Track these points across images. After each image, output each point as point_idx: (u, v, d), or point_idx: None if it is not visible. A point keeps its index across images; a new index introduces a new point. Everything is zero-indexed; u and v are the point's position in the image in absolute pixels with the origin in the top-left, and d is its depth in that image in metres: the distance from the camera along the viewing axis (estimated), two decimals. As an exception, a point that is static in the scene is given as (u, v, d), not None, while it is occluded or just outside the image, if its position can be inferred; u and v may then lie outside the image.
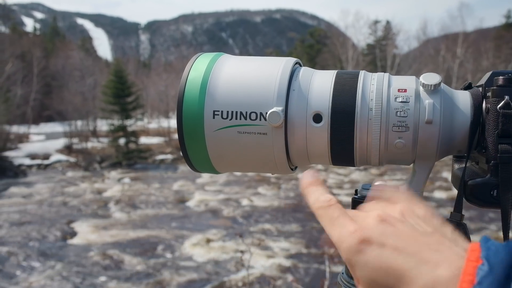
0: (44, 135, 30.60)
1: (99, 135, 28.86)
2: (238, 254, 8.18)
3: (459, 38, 31.29)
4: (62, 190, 15.46)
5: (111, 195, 14.49)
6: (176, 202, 13.29)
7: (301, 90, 0.54)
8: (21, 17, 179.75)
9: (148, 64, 75.72)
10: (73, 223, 11.06)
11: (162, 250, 9.02)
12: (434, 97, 0.52)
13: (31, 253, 8.86)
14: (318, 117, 0.53)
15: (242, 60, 0.58)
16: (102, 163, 21.59)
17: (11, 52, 28.97)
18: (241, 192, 14.31)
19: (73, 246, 9.39)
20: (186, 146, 0.56)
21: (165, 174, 19.03)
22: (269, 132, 0.53)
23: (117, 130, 23.84)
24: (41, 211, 12.33)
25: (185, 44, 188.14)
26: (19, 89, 29.34)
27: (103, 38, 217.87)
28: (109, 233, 10.13)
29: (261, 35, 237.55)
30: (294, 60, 0.58)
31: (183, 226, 10.62)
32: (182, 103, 0.54)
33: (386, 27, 38.73)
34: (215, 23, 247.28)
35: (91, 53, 53.85)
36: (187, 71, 0.56)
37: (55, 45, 44.39)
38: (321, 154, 0.55)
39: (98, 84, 30.92)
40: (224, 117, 0.53)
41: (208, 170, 0.60)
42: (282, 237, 9.46)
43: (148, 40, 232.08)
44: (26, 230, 10.40)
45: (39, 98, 32.93)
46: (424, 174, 0.54)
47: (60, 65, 33.67)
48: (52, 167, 21.16)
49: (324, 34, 41.21)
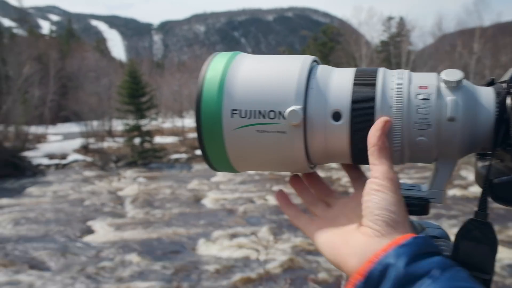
0: (61, 135, 31.03)
1: (115, 135, 29.16)
2: (253, 252, 8.22)
3: (476, 33, 30.77)
4: (79, 189, 15.67)
5: (127, 194, 14.64)
6: (191, 201, 13.37)
7: (319, 88, 0.53)
8: (37, 20, 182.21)
9: (161, 64, 76.14)
10: (90, 221, 11.20)
11: (178, 248, 9.09)
12: (456, 93, 0.50)
13: (49, 251, 9.00)
14: (338, 115, 0.52)
15: (259, 58, 0.58)
16: (118, 163, 21.82)
17: (28, 55, 29.37)
18: (256, 191, 14.34)
19: (90, 244, 9.51)
20: (205, 146, 0.56)
21: (180, 173, 19.15)
22: (288, 131, 0.52)
23: (132, 130, 24.05)
24: (59, 209, 12.52)
25: (198, 43, 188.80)
26: (37, 90, 29.77)
27: (117, 39, 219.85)
28: (125, 232, 10.24)
29: (273, 33, 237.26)
30: (312, 58, 0.58)
31: (198, 225, 10.68)
32: (200, 103, 0.54)
33: (400, 24, 38.30)
34: (227, 22, 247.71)
35: (105, 54, 54.43)
36: (204, 71, 0.56)
37: (70, 46, 44.87)
38: (341, 152, 0.54)
39: (113, 84, 31.20)
40: (243, 116, 0.53)
41: (227, 169, 0.60)
42: (298, 236, 9.46)
43: (161, 40, 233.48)
44: (44, 228, 10.58)
45: (56, 99, 33.36)
46: (446, 172, 0.53)
47: (75, 66, 34.06)
48: (69, 166, 21.46)
49: (337, 31, 40.89)
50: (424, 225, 0.57)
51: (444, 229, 0.57)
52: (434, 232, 0.56)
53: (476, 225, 0.48)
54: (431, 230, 0.56)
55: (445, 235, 0.56)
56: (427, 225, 0.57)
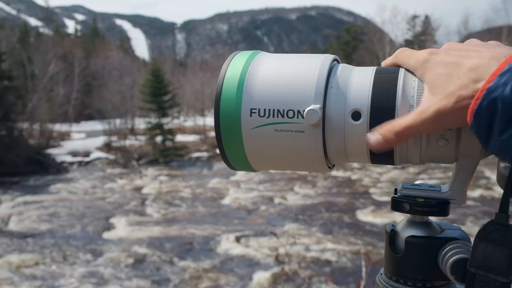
0: (85, 133, 31.57)
1: (137, 133, 29.51)
2: (272, 251, 8.17)
3: (503, 32, 30.11)
4: (102, 186, 15.90)
5: (148, 192, 14.78)
6: (212, 200, 13.42)
7: (339, 87, 0.52)
8: (63, 19, 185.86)
9: (184, 63, 76.71)
10: (112, 218, 11.34)
11: (197, 246, 9.12)
12: None
13: (71, 246, 9.15)
14: (357, 115, 0.51)
15: (279, 57, 0.57)
16: (140, 161, 22.06)
17: (54, 53, 29.97)
18: (276, 190, 14.30)
19: (111, 240, 9.63)
20: (223, 144, 0.55)
21: (201, 172, 19.24)
22: (306, 130, 0.51)
23: (154, 128, 24.30)
24: (82, 206, 12.72)
25: (221, 42, 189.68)
26: (61, 88, 30.34)
27: (140, 38, 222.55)
28: (146, 229, 10.33)
29: (296, 32, 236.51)
30: (332, 57, 0.56)
31: (218, 223, 10.70)
32: (219, 102, 0.54)
33: (425, 22, 37.69)
34: (250, 21, 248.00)
35: (129, 53, 55.13)
36: (224, 70, 0.55)
37: (95, 45, 45.57)
38: (360, 152, 0.53)
39: (136, 83, 31.59)
40: (261, 115, 0.52)
41: (245, 168, 0.59)
42: (317, 235, 9.39)
43: (184, 39, 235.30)
44: (67, 225, 10.76)
45: (80, 97, 33.94)
46: (467, 173, 0.52)
47: (100, 65, 34.59)
48: (92, 164, 21.80)
49: (360, 30, 40.47)
50: (444, 226, 0.56)
51: (464, 231, 0.56)
52: (454, 233, 0.55)
53: (496, 227, 0.47)
54: (450, 232, 0.55)
55: (465, 237, 0.55)
56: (446, 226, 0.56)
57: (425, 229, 0.54)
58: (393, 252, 0.56)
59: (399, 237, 0.56)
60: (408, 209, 0.54)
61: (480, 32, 35.23)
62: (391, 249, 0.56)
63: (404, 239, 0.54)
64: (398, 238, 0.56)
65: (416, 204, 0.53)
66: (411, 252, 0.54)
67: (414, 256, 0.54)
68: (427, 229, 0.54)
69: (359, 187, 14.70)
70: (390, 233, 0.56)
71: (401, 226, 0.57)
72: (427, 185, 0.55)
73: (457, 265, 0.48)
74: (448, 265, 0.49)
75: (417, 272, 0.54)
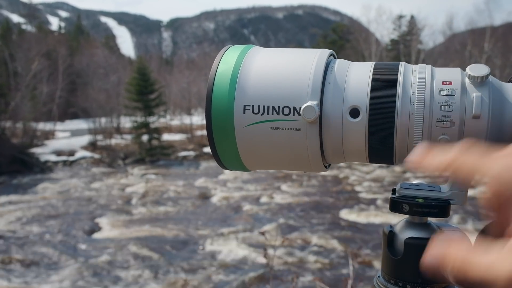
0: (69, 132, 31.18)
1: (123, 132, 29.22)
2: (260, 250, 8.15)
3: (486, 33, 30.50)
4: (87, 186, 15.71)
5: (134, 191, 14.65)
6: (199, 199, 13.35)
7: (337, 83, 0.50)
8: (46, 16, 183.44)
9: (170, 61, 76.25)
10: (98, 218, 11.21)
11: (185, 246, 9.06)
12: (481, 89, 0.47)
13: (56, 247, 9.02)
14: (355, 112, 0.49)
15: (273, 52, 0.55)
16: (126, 160, 21.86)
17: (37, 51, 29.46)
18: (263, 189, 14.28)
19: (97, 241, 9.51)
20: (215, 143, 0.53)
21: (188, 171, 19.14)
22: (303, 128, 0.50)
23: (140, 127, 24.09)
24: (67, 206, 12.54)
25: (207, 41, 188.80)
26: (45, 87, 29.87)
27: (126, 36, 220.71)
28: (133, 229, 10.23)
29: (283, 31, 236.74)
30: (329, 52, 0.54)
31: (205, 223, 10.65)
32: (211, 98, 0.52)
33: (411, 22, 38.00)
34: (237, 19, 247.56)
35: (114, 51, 54.50)
36: (216, 65, 0.53)
37: (79, 43, 45.03)
38: (358, 150, 0.52)
39: (122, 81, 31.27)
40: (255, 112, 0.50)
41: (238, 167, 0.56)
42: (304, 234, 9.39)
43: (171, 37, 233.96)
44: (52, 225, 10.59)
45: (64, 96, 33.50)
46: None
47: (84, 63, 34.17)
48: (77, 163, 21.53)
49: (347, 29, 40.65)
50: (442, 227, 0.55)
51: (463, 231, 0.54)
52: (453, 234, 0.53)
53: None
54: (450, 233, 0.53)
55: None
56: (445, 227, 0.55)
57: (425, 230, 0.52)
58: (392, 254, 0.54)
59: (398, 238, 0.54)
60: (408, 210, 0.52)
61: (464, 32, 35.64)
62: (389, 251, 0.54)
63: (403, 240, 0.53)
64: (397, 239, 0.54)
65: (415, 205, 0.51)
66: (410, 254, 0.52)
67: (413, 258, 0.51)
68: (427, 230, 0.52)
69: (346, 186, 14.76)
70: (388, 235, 0.55)
71: (399, 227, 0.55)
72: (426, 185, 0.53)
73: None
74: None
75: (416, 274, 0.52)
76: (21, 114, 24.50)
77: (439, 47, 37.86)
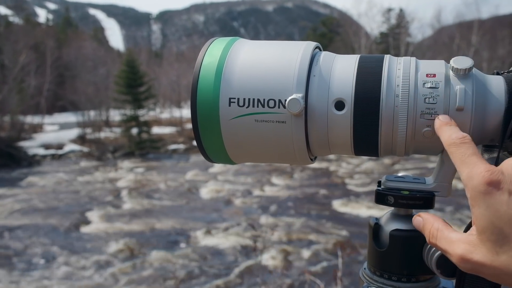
0: (58, 125, 30.87)
1: (112, 125, 29.02)
2: (250, 243, 8.18)
3: (474, 26, 30.71)
4: (76, 179, 15.61)
5: (124, 184, 14.59)
6: (189, 192, 13.33)
7: (322, 76, 0.50)
8: (34, 8, 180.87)
9: (160, 54, 75.68)
10: (87, 212, 11.15)
11: (175, 239, 9.06)
12: (465, 82, 0.47)
13: (44, 241, 8.96)
14: (341, 104, 0.49)
15: (259, 44, 0.55)
16: (115, 153, 21.73)
17: (24, 43, 29.06)
18: (253, 182, 14.30)
19: (86, 235, 9.47)
20: (200, 136, 0.53)
21: (178, 164, 19.09)
22: (288, 120, 0.50)
23: (130, 120, 23.95)
24: (55, 200, 12.46)
25: (197, 33, 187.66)
26: (33, 79, 29.55)
27: (115, 28, 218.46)
28: (122, 222, 10.20)
29: (273, 24, 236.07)
30: (314, 44, 0.54)
31: (195, 216, 10.65)
32: (196, 91, 0.51)
33: (400, 15, 38.14)
34: (226, 12, 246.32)
35: (103, 43, 54.05)
36: (201, 57, 0.53)
37: (67, 35, 44.50)
38: (343, 143, 0.52)
39: (111, 74, 31.01)
40: (241, 105, 0.50)
41: (224, 160, 0.56)
42: (294, 227, 9.44)
43: (160, 30, 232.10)
44: (40, 219, 10.52)
45: (52, 89, 33.14)
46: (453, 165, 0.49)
47: (73, 55, 33.80)
48: (66, 157, 21.35)
49: (336, 22, 40.67)
50: None
51: None
52: None
53: None
54: None
55: None
56: None
57: (410, 222, 0.51)
58: (377, 246, 0.54)
59: (383, 230, 0.54)
60: (393, 202, 0.52)
61: (452, 26, 35.85)
62: (374, 243, 0.55)
63: (389, 232, 0.53)
64: (382, 231, 0.54)
65: (401, 197, 0.52)
66: (395, 246, 0.53)
67: (398, 250, 0.53)
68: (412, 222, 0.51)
69: (336, 178, 14.83)
70: (373, 227, 0.55)
71: (385, 220, 0.55)
72: (411, 177, 0.54)
73: (442, 260, 0.47)
74: (433, 260, 0.48)
75: (401, 266, 0.53)
76: (9, 107, 24.22)
77: (427, 40, 38.08)
